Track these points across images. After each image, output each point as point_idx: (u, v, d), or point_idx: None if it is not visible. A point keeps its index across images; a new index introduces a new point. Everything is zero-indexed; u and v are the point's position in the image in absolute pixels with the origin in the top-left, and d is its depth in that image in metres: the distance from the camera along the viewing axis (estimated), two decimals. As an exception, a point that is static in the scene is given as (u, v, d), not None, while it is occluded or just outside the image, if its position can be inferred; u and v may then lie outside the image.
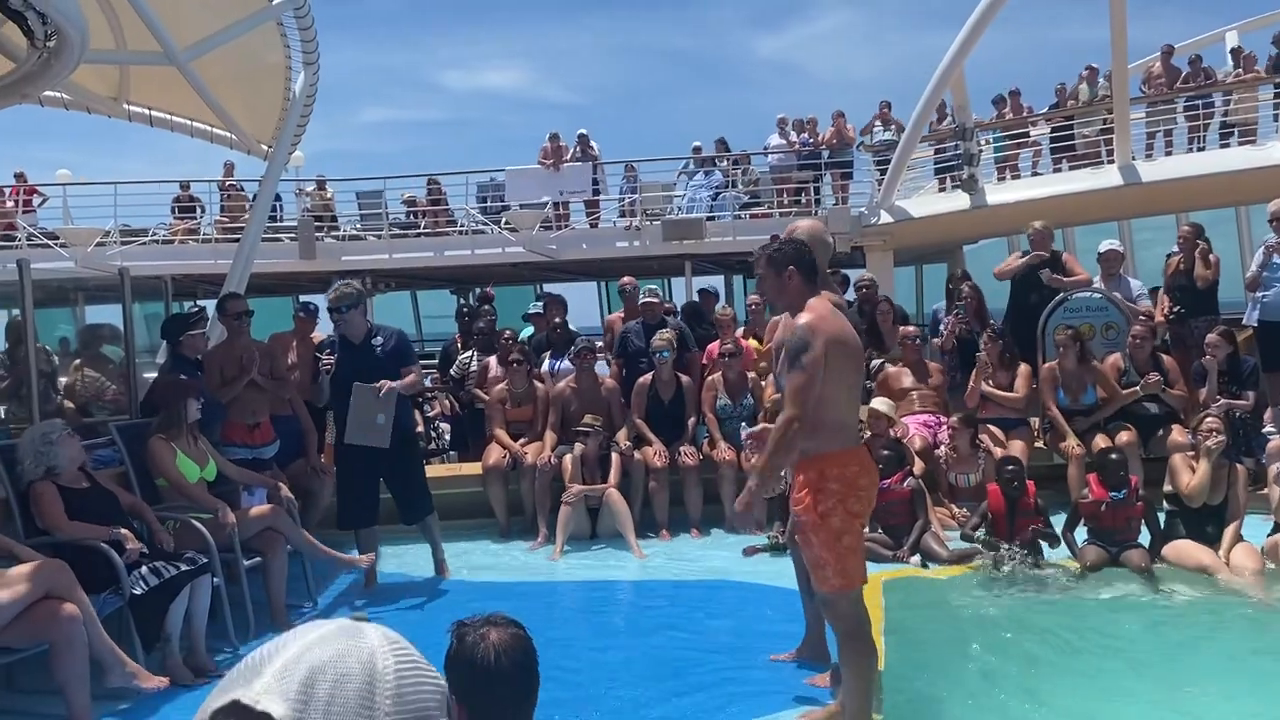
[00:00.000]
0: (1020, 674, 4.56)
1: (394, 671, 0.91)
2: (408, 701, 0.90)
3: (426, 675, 0.94)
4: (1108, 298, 8.18)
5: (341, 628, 0.93)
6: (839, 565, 3.65)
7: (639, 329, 8.12)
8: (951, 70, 12.32)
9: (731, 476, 7.29)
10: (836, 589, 3.69)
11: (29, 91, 6.24)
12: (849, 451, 3.70)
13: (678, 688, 4.54)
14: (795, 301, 3.77)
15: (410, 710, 0.89)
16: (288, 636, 0.93)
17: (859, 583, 3.74)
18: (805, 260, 3.78)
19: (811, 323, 3.59)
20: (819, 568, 3.69)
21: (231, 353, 6.58)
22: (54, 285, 8.90)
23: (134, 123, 8.15)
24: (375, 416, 5.80)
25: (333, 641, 0.90)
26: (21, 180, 17.07)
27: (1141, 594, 5.58)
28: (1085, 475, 6.46)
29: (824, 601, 3.82)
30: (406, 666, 0.91)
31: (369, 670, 0.89)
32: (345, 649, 0.90)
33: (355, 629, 0.93)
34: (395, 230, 16.31)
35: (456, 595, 6.14)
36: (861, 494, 3.70)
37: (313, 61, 7.59)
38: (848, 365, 3.67)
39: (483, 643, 2.09)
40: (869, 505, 3.82)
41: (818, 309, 3.66)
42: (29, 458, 4.75)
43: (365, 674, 0.89)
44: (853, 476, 3.66)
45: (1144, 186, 12.27)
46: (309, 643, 0.90)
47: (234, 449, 6.35)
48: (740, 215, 15.41)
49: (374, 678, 0.89)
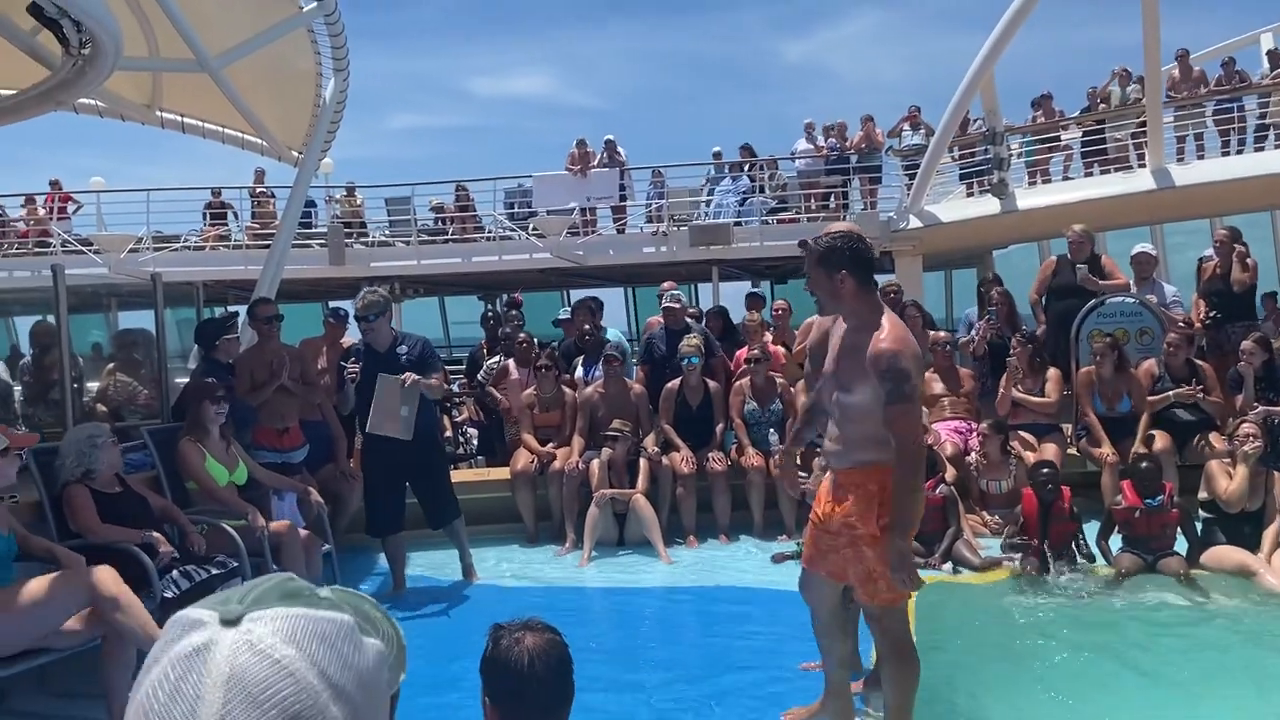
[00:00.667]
0: (1052, 680, 4.51)
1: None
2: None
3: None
4: (1142, 303, 8.07)
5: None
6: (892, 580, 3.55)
7: (663, 335, 8.11)
8: (981, 73, 12.25)
9: (760, 483, 7.26)
10: (887, 602, 3.58)
11: (63, 99, 6.31)
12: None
13: (708, 694, 4.53)
14: (853, 307, 3.50)
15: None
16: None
17: (907, 596, 3.64)
18: (862, 260, 3.47)
19: (900, 349, 3.36)
20: (870, 581, 3.53)
21: (262, 357, 6.61)
22: (87, 291, 9.00)
23: (166, 129, 8.24)
24: (399, 408, 5.83)
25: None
26: (56, 187, 17.31)
27: (1177, 601, 5.51)
28: (1119, 482, 6.38)
29: (871, 615, 3.70)
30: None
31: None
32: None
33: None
34: (423, 236, 16.39)
35: (484, 600, 6.13)
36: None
37: (343, 68, 7.63)
38: (921, 381, 3.63)
39: (517, 646, 2.09)
40: (920, 517, 3.69)
41: (895, 326, 3.44)
42: (70, 457, 4.78)
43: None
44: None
45: (1177, 190, 12.14)
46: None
47: (263, 453, 6.38)
48: (768, 220, 15.37)
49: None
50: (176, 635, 0.77)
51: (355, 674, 0.78)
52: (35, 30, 5.52)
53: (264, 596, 0.79)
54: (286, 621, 0.77)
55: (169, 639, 0.77)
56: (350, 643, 0.79)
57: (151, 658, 0.77)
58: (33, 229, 16.97)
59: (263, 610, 0.77)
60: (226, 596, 0.80)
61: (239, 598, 0.79)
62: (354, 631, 0.80)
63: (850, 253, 3.45)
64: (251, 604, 0.78)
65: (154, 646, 0.78)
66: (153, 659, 0.77)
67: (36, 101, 6.12)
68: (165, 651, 0.76)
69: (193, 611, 0.78)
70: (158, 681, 0.75)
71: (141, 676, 0.77)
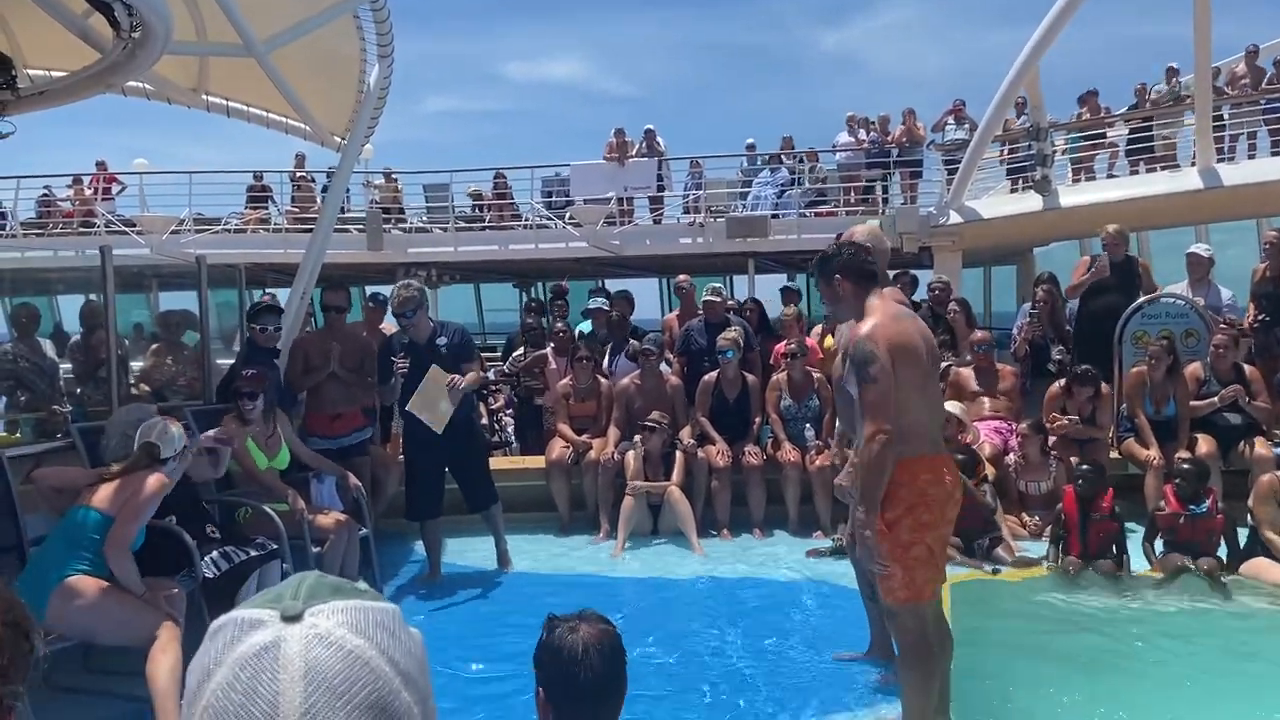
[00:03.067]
0: (1088, 680, 4.48)
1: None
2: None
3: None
4: (1189, 304, 7.93)
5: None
6: (906, 577, 3.53)
7: (701, 327, 8.08)
8: (1027, 68, 12.08)
9: (796, 478, 7.22)
10: (902, 601, 3.58)
11: (113, 81, 6.36)
12: (920, 459, 3.53)
13: (741, 684, 4.56)
14: (853, 307, 3.67)
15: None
16: None
17: (928, 596, 3.61)
18: (853, 264, 3.67)
19: (869, 332, 3.48)
20: (886, 578, 3.57)
21: (321, 343, 6.69)
22: (131, 271, 9.10)
23: (211, 113, 8.29)
24: (440, 402, 5.95)
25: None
26: (102, 168, 17.53)
27: (1217, 605, 5.44)
28: (1163, 486, 6.29)
29: (888, 613, 3.71)
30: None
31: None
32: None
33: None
34: (461, 223, 16.43)
35: (518, 588, 6.16)
36: (932, 504, 3.54)
37: (387, 54, 7.63)
38: (914, 369, 3.52)
39: (571, 635, 2.13)
40: (942, 516, 3.61)
41: (876, 314, 3.55)
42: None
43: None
44: (923, 485, 3.52)
45: (1225, 190, 11.91)
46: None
47: (314, 440, 6.45)
48: (805, 213, 15.27)
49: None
50: (236, 636, 0.77)
51: (416, 660, 0.80)
52: (87, 13, 5.58)
53: (315, 591, 0.79)
54: (348, 614, 0.78)
55: (227, 641, 0.77)
56: (404, 629, 0.81)
57: (210, 661, 0.76)
58: (78, 209, 17.19)
59: (321, 604, 0.78)
60: (277, 594, 0.79)
61: (290, 594, 0.79)
62: (403, 619, 0.82)
63: (844, 258, 3.70)
64: (307, 599, 0.78)
65: (207, 651, 0.77)
66: (212, 662, 0.76)
67: (87, 84, 6.18)
68: (227, 653, 0.76)
69: (246, 612, 0.78)
70: (228, 683, 0.74)
71: (200, 683, 0.76)
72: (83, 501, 4.19)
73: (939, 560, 3.66)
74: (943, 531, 3.66)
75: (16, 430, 6.39)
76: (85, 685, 4.48)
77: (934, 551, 3.60)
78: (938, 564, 3.65)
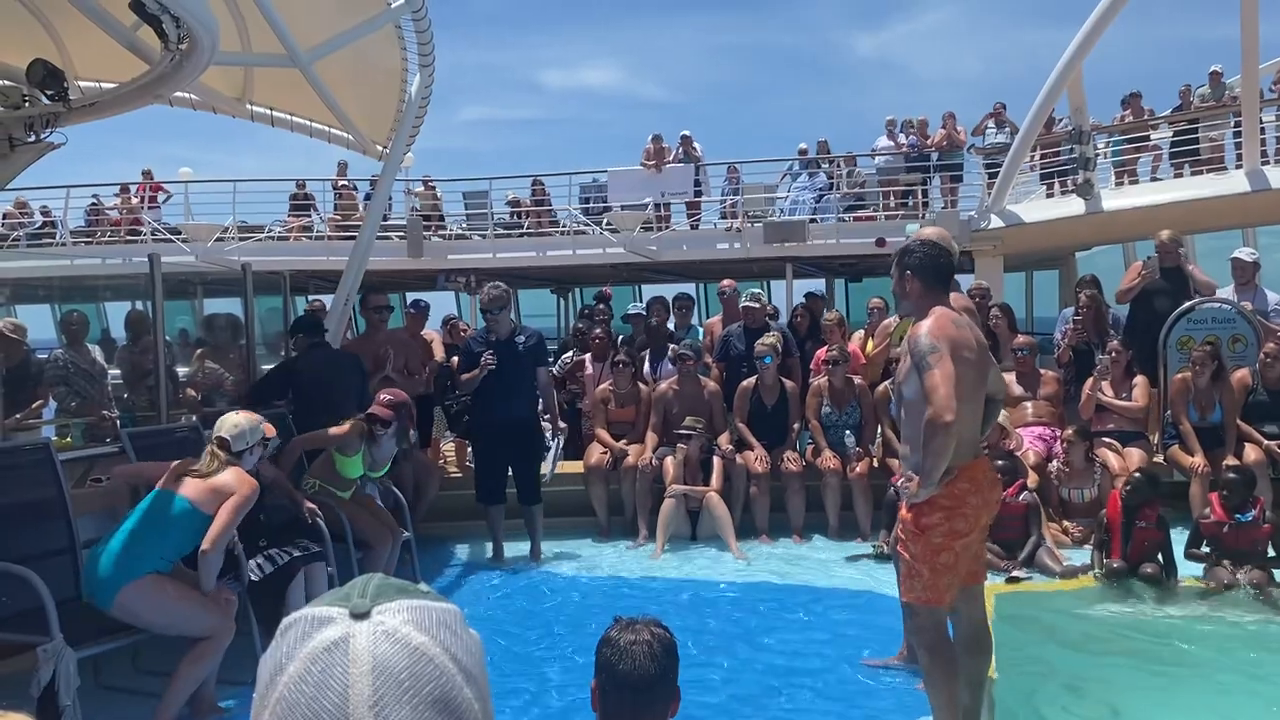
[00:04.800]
0: (1128, 687, 4.46)
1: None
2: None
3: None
4: (1236, 309, 7.80)
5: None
6: (933, 579, 3.57)
7: (740, 333, 8.07)
8: (1070, 70, 11.95)
9: (835, 485, 7.19)
10: (922, 601, 3.62)
11: (161, 92, 6.49)
12: (960, 467, 3.54)
13: (776, 686, 4.57)
14: (916, 306, 3.72)
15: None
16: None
17: (946, 601, 3.64)
18: (928, 265, 3.68)
19: (930, 328, 3.53)
20: (911, 576, 3.63)
21: (369, 347, 6.78)
22: (178, 279, 9.25)
23: (256, 122, 8.42)
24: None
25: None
26: (148, 177, 17.82)
27: (1259, 616, 5.34)
28: (1209, 494, 6.19)
29: (907, 610, 3.75)
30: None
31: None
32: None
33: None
34: (499, 230, 16.53)
35: (559, 590, 6.18)
36: (969, 513, 3.56)
37: (428, 64, 7.72)
38: (965, 374, 3.53)
39: (629, 634, 2.28)
40: (977, 525, 3.63)
41: (937, 316, 3.58)
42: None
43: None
44: (961, 494, 3.54)
45: (1273, 192, 11.70)
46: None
47: None
48: (844, 218, 15.20)
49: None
50: (307, 632, 0.80)
51: (476, 657, 0.83)
52: (136, 25, 5.68)
53: (382, 590, 0.82)
54: (413, 612, 0.81)
55: (298, 636, 0.80)
56: (465, 628, 0.84)
57: (282, 656, 0.80)
58: (125, 218, 17.49)
59: (388, 603, 0.81)
60: (345, 593, 0.83)
61: (358, 593, 0.82)
62: (464, 619, 0.85)
63: (921, 257, 3.69)
64: (374, 597, 0.81)
65: (275, 648, 0.81)
66: (285, 657, 0.80)
67: (136, 95, 6.31)
68: (299, 648, 0.79)
69: (315, 610, 0.81)
70: (300, 676, 0.78)
71: (273, 676, 0.79)
72: (169, 488, 4.23)
73: (961, 568, 3.65)
74: (973, 539, 3.66)
75: (67, 435, 6.53)
76: (134, 685, 4.55)
77: (960, 558, 3.61)
78: (960, 571, 3.65)
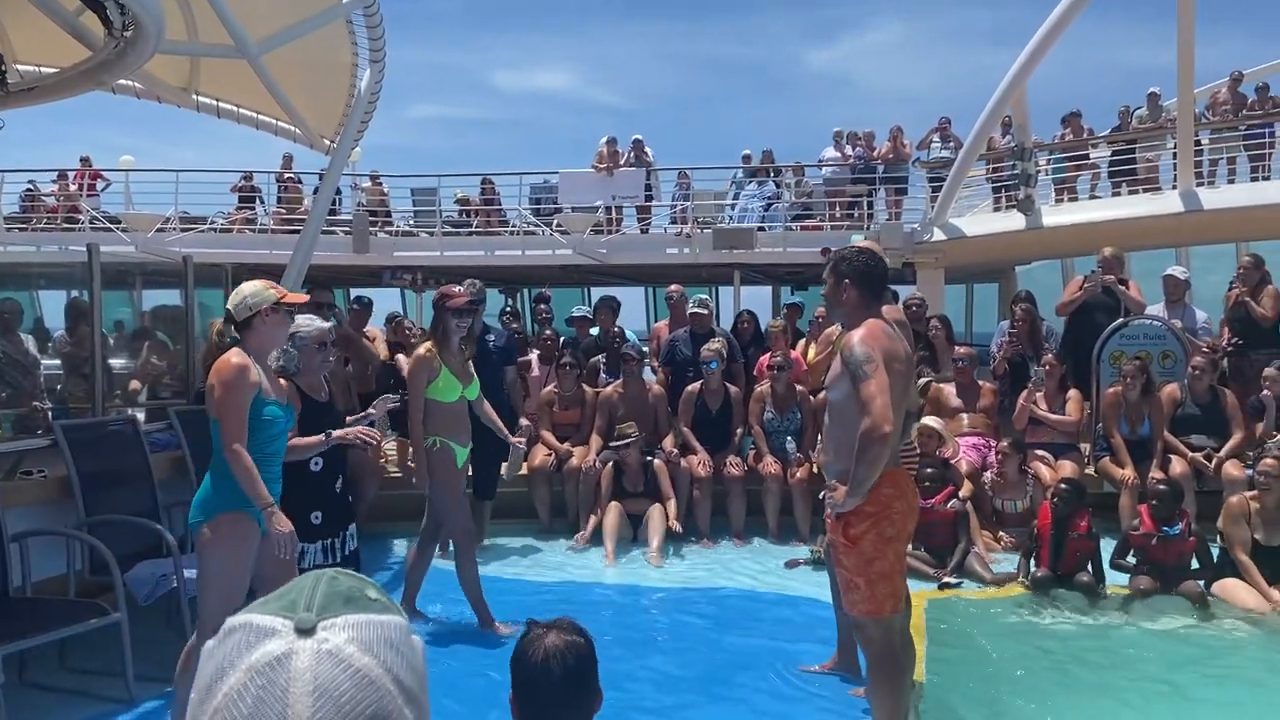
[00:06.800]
0: (1055, 694, 4.53)
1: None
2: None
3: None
4: (1166, 326, 8.03)
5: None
6: (869, 590, 3.60)
7: (687, 338, 8.12)
8: (1013, 88, 12.22)
9: (776, 491, 7.27)
10: (865, 614, 3.65)
11: (104, 79, 6.38)
12: (884, 474, 3.56)
13: (712, 696, 4.56)
14: (850, 315, 3.73)
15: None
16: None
17: (889, 610, 3.66)
18: (865, 274, 3.70)
19: (864, 336, 3.55)
20: (850, 590, 3.66)
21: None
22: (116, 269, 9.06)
23: (201, 113, 8.30)
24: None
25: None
26: (87, 164, 17.43)
27: (1192, 625, 5.50)
28: (1138, 506, 6.36)
29: (855, 624, 3.79)
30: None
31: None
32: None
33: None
34: (447, 228, 16.43)
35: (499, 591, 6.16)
36: (895, 518, 3.61)
37: (379, 60, 7.67)
38: (895, 385, 3.55)
39: (537, 644, 2.11)
40: (904, 530, 3.70)
41: (870, 326, 3.61)
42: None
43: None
44: (887, 499, 3.58)
45: (1206, 214, 12.07)
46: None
47: None
48: (791, 227, 15.34)
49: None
50: (249, 642, 0.79)
51: (418, 676, 0.83)
52: (79, 10, 5.60)
53: (329, 603, 0.82)
54: (359, 630, 0.80)
55: (240, 645, 0.79)
56: (409, 644, 0.83)
57: (223, 661, 0.78)
58: (62, 205, 17.08)
59: (333, 618, 0.80)
60: (291, 601, 0.82)
61: (304, 602, 0.81)
62: (409, 632, 0.84)
63: (859, 266, 3.70)
64: (320, 611, 0.80)
65: (217, 651, 0.80)
66: (225, 664, 0.78)
67: (77, 81, 6.20)
68: (238, 659, 0.78)
69: (260, 618, 0.80)
70: (237, 691, 0.77)
71: (210, 683, 0.78)
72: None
73: (898, 575, 3.71)
74: (901, 546, 3.72)
75: (-2, 427, 6.36)
76: (60, 684, 4.46)
77: (895, 566, 3.66)
78: (897, 578, 3.70)
